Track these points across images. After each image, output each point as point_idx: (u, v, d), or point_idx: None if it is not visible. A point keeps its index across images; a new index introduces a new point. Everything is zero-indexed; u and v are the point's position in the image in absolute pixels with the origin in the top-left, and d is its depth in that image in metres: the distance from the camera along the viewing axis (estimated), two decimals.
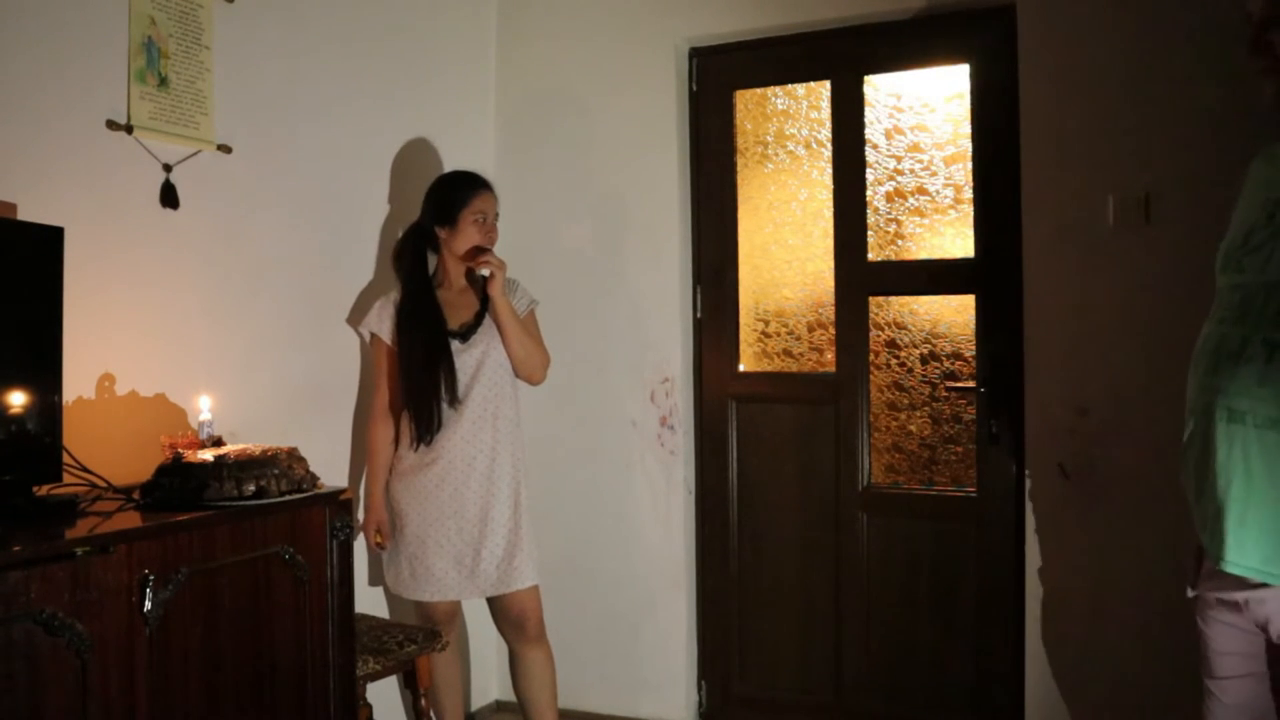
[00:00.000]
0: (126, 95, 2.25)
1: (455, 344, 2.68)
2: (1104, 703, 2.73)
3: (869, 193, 3.14)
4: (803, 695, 3.23)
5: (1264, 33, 1.64)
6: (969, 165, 3.02)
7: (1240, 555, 1.63)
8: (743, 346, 3.35)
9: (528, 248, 3.41)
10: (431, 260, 2.79)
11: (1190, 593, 1.84)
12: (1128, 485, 2.69)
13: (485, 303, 2.74)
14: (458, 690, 2.90)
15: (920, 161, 3.11)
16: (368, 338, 2.78)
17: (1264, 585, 1.62)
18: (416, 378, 2.63)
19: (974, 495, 3.01)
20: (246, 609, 1.91)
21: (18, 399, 1.79)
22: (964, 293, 3.04)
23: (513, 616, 2.74)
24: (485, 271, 2.68)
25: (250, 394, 2.55)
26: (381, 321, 2.70)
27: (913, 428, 3.14)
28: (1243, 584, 1.68)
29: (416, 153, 3.16)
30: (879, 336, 3.16)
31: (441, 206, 2.72)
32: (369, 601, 2.95)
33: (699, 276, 3.36)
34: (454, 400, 2.64)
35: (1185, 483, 1.75)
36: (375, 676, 2.42)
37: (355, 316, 2.88)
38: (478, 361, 2.69)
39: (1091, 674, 2.75)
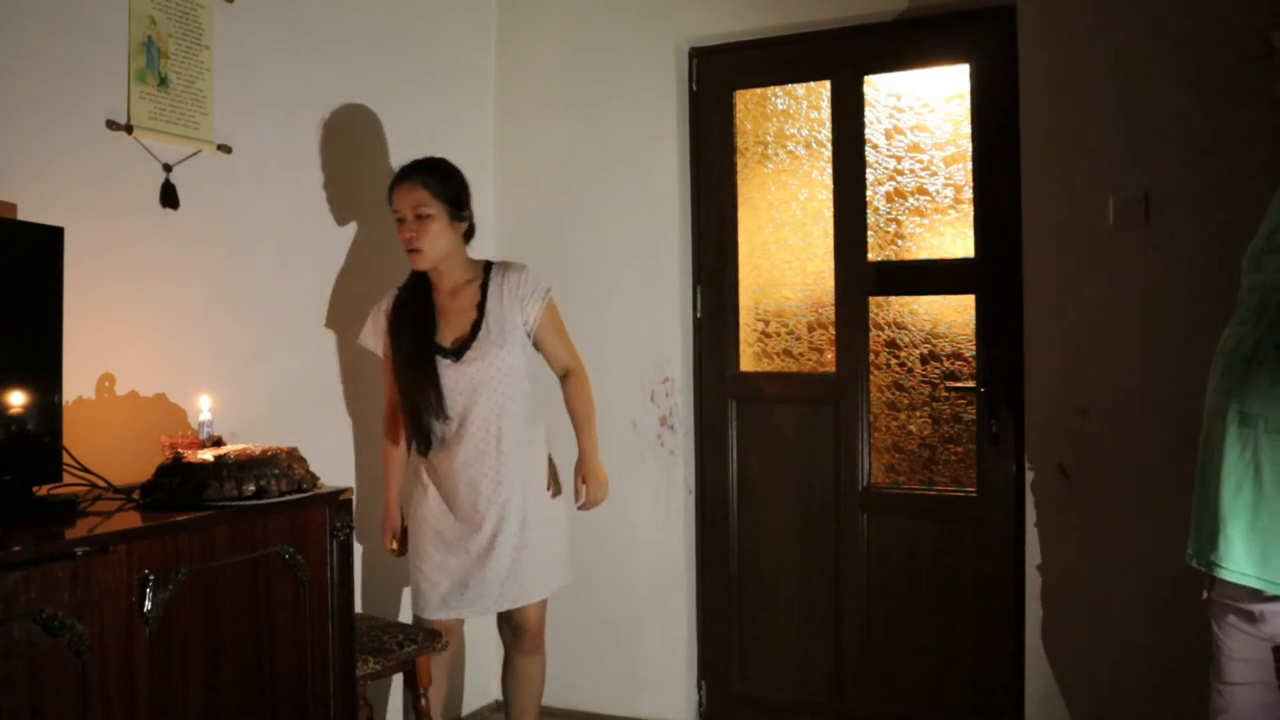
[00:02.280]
0: (126, 95, 2.25)
1: (448, 362, 2.51)
2: (1104, 702, 2.73)
3: (869, 193, 3.14)
4: (803, 695, 3.23)
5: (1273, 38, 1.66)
6: (969, 165, 3.02)
7: (1247, 563, 1.61)
8: (743, 346, 3.35)
9: (527, 247, 3.41)
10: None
11: (1205, 595, 1.83)
12: (1128, 485, 2.69)
13: (482, 309, 2.57)
14: (442, 687, 2.85)
15: (920, 161, 3.11)
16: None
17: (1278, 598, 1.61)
18: (407, 396, 2.53)
19: (974, 495, 3.01)
20: (246, 609, 1.90)
21: (18, 399, 1.79)
22: (964, 293, 3.03)
23: (513, 624, 2.71)
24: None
25: (250, 394, 2.55)
26: (377, 337, 2.61)
27: (913, 428, 3.14)
28: (1258, 595, 1.65)
29: (416, 152, 3.15)
30: (879, 336, 3.16)
31: None
32: (369, 602, 2.95)
33: (699, 276, 3.36)
34: (443, 416, 2.52)
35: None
36: (375, 676, 2.42)
37: (361, 322, 2.77)
38: (473, 381, 2.51)
39: (1091, 674, 2.75)
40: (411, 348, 2.52)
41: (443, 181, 2.55)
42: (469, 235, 2.65)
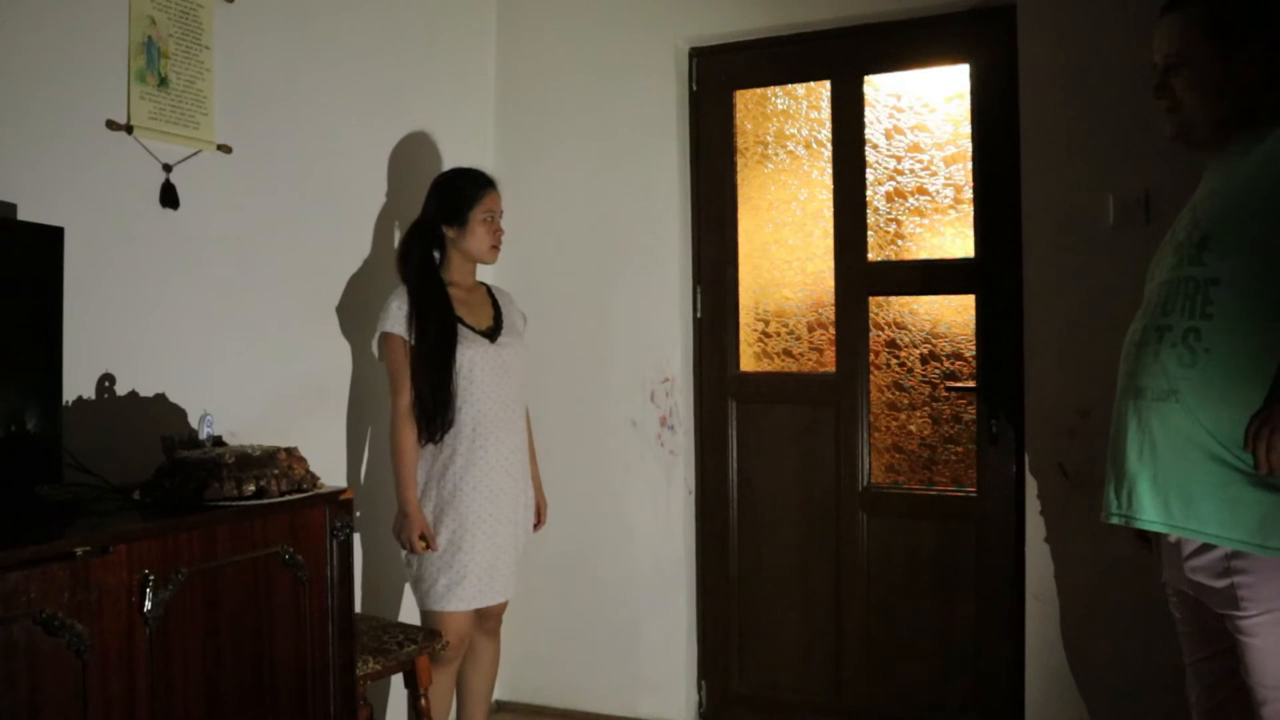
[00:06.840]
0: (126, 95, 2.25)
1: (485, 343, 2.67)
2: (1104, 702, 2.73)
3: (869, 193, 3.14)
4: (803, 695, 3.23)
5: (1166, 77, 1.85)
6: (969, 165, 3.02)
7: (1153, 512, 1.76)
8: (743, 346, 3.35)
9: (528, 248, 3.41)
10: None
11: (1163, 578, 1.93)
12: None
13: (496, 307, 2.79)
14: (449, 697, 2.81)
15: (920, 161, 3.11)
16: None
17: (1195, 554, 1.74)
18: (436, 371, 2.58)
19: (974, 495, 3.01)
20: (246, 609, 1.91)
21: (18, 399, 1.79)
22: (964, 293, 3.03)
23: (490, 609, 2.73)
24: None
25: (250, 394, 2.55)
26: (398, 321, 2.60)
27: (913, 428, 3.14)
28: (1178, 562, 1.79)
29: (416, 152, 3.16)
30: (879, 336, 3.16)
31: (450, 204, 2.68)
32: (369, 602, 2.95)
33: (699, 276, 3.36)
34: (452, 404, 2.61)
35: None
36: (375, 676, 2.42)
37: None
38: (506, 364, 2.70)
39: (1091, 673, 2.75)
40: (443, 326, 2.62)
41: None
42: None
